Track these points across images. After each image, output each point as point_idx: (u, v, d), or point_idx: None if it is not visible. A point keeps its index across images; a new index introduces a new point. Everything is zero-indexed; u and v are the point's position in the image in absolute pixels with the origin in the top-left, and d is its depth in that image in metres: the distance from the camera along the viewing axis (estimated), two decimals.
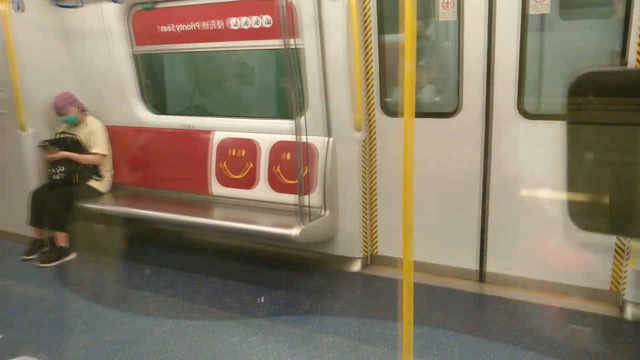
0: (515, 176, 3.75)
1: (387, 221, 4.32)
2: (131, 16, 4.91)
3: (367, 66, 4.07)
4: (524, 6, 3.48)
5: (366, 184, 4.28)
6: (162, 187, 5.07)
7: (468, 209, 3.94)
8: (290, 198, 4.20)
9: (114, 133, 5.17)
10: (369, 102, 4.16)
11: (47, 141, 4.90)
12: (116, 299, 4.04)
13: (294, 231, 3.84)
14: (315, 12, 3.91)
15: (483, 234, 3.96)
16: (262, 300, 3.90)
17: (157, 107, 5.38)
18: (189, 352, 3.26)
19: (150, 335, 3.48)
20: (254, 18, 4.34)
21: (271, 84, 6.02)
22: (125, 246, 5.25)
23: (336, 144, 4.19)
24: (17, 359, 3.03)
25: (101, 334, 3.51)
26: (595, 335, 3.31)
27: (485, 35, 3.62)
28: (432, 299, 3.81)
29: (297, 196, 3.98)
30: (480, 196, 3.89)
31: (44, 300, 4.09)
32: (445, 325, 3.45)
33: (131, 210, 4.76)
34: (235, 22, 4.44)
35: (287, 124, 4.12)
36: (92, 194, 4.95)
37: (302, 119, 3.95)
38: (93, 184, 4.99)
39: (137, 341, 3.41)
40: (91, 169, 4.99)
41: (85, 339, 3.46)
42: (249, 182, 4.55)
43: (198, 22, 4.62)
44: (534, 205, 3.72)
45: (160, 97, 5.81)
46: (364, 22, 4.00)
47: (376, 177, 4.28)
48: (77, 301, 4.04)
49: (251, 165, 4.53)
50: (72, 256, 4.86)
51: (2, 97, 4.97)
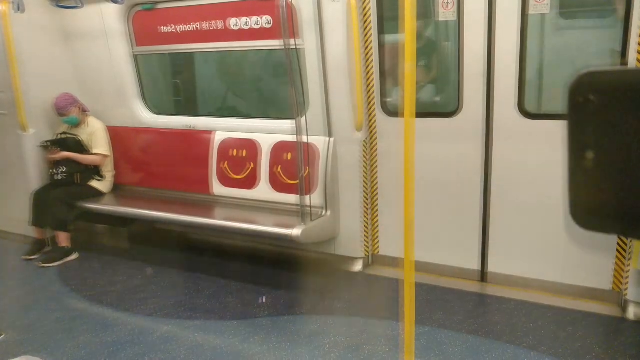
0: (516, 176, 3.75)
1: (389, 221, 4.32)
2: (131, 17, 4.92)
3: (368, 66, 4.07)
4: (524, 6, 3.47)
5: (367, 184, 4.28)
6: (163, 188, 5.08)
7: (469, 209, 3.94)
8: (292, 198, 4.21)
9: (115, 133, 5.17)
10: (370, 102, 4.16)
11: (49, 141, 4.91)
12: (118, 299, 4.05)
13: (295, 231, 3.84)
14: (315, 12, 3.92)
15: (484, 233, 3.95)
16: (264, 300, 3.91)
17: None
18: (190, 352, 3.26)
19: (151, 335, 3.48)
20: (254, 18, 4.34)
21: (273, 85, 6.03)
22: (127, 246, 5.27)
23: (337, 144, 4.19)
24: (19, 358, 3.04)
25: (103, 334, 3.51)
26: (597, 335, 3.30)
27: (485, 35, 3.62)
28: (434, 299, 3.81)
29: (298, 196, 3.98)
30: (481, 196, 3.89)
31: (45, 300, 4.09)
32: (447, 325, 3.45)
33: (132, 211, 4.77)
34: (236, 23, 4.45)
35: (287, 124, 4.13)
36: (94, 194, 4.96)
37: (303, 119, 3.96)
38: (94, 184, 5.00)
39: (138, 341, 3.41)
40: (93, 170, 5.00)
41: (87, 339, 3.47)
42: (250, 182, 4.55)
43: (198, 23, 4.63)
44: (535, 204, 3.71)
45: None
46: (364, 22, 4.00)
47: (377, 177, 4.28)
48: (79, 301, 4.04)
49: (252, 166, 4.53)
50: (74, 256, 4.87)
51: (3, 98, 4.98)
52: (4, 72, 4.77)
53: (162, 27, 4.82)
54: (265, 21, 4.31)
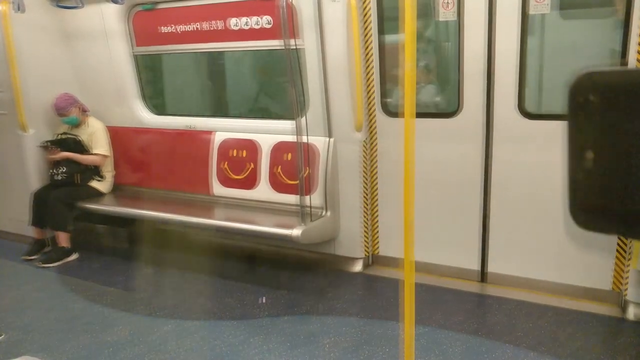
0: (516, 176, 3.75)
1: (388, 221, 4.32)
2: (131, 17, 4.92)
3: (368, 66, 4.07)
4: (524, 6, 3.47)
5: (367, 184, 4.28)
6: (163, 188, 5.08)
7: (469, 209, 3.94)
8: (292, 198, 4.20)
9: (115, 134, 5.17)
10: (370, 103, 4.16)
11: (49, 142, 4.91)
12: (118, 299, 4.05)
13: (295, 231, 3.84)
14: (315, 12, 3.91)
15: (484, 234, 3.95)
16: (264, 300, 3.91)
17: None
18: (190, 353, 3.26)
19: (151, 335, 3.48)
20: (254, 18, 4.34)
21: (274, 85, 6.03)
22: (127, 247, 5.27)
23: (337, 144, 4.19)
24: (19, 359, 3.04)
25: (102, 334, 3.51)
26: (597, 335, 3.30)
27: (485, 35, 3.62)
28: (434, 299, 3.81)
29: (298, 196, 3.98)
30: (481, 196, 3.89)
31: (45, 300, 4.09)
32: (447, 325, 3.45)
33: (132, 211, 4.77)
34: (236, 23, 4.45)
35: (287, 124, 4.13)
36: (94, 195, 4.96)
37: (303, 119, 3.95)
38: (94, 184, 5.00)
39: (138, 341, 3.41)
40: (93, 170, 4.99)
41: (87, 339, 3.47)
42: (250, 182, 4.55)
43: (198, 23, 4.63)
44: (535, 205, 3.71)
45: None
46: (364, 23, 3.99)
47: (377, 178, 4.28)
48: (79, 301, 4.04)
49: (252, 166, 4.53)
50: (74, 256, 4.87)
51: (2, 98, 4.98)
52: (4, 72, 4.77)
53: (162, 27, 4.82)
54: (265, 21, 4.31)
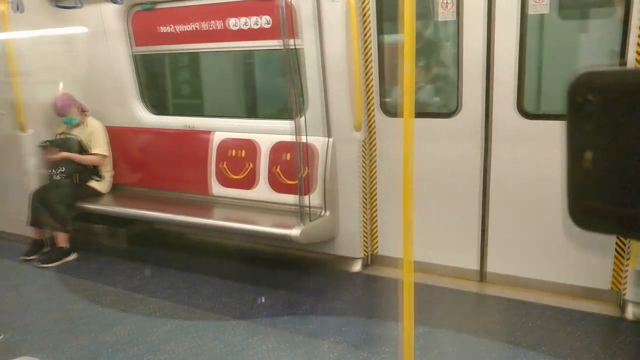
0: (515, 176, 3.75)
1: (388, 221, 4.32)
2: (130, 17, 4.91)
3: (367, 66, 4.07)
4: (523, 6, 3.47)
5: (366, 184, 4.28)
6: (162, 188, 5.07)
7: (468, 209, 3.94)
8: (291, 198, 4.20)
9: (114, 134, 5.17)
10: (369, 103, 4.16)
11: (48, 142, 4.90)
12: (117, 299, 4.04)
13: (294, 231, 3.84)
14: (314, 12, 3.91)
15: (483, 233, 3.95)
16: (263, 300, 3.90)
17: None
18: (189, 353, 3.26)
19: (150, 335, 3.48)
20: (254, 18, 4.34)
21: (272, 85, 6.04)
22: (126, 247, 5.26)
23: (336, 144, 4.19)
24: (18, 359, 3.04)
25: (101, 334, 3.51)
26: (596, 335, 3.30)
27: (484, 35, 3.62)
28: (433, 299, 3.81)
29: (297, 196, 3.98)
30: (480, 196, 3.89)
31: (44, 300, 4.09)
32: (446, 325, 3.45)
33: (131, 211, 4.76)
34: (235, 23, 4.44)
35: (286, 124, 4.12)
36: (93, 195, 4.95)
37: (302, 119, 3.95)
38: (93, 184, 4.99)
39: (137, 342, 3.40)
40: (91, 170, 4.99)
41: (86, 339, 3.46)
42: (249, 182, 4.55)
43: (198, 23, 4.63)
44: (534, 204, 3.71)
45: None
46: (364, 22, 3.99)
47: (376, 177, 4.28)
48: (78, 301, 4.04)
49: (251, 166, 4.53)
50: (73, 257, 4.86)
51: (2, 98, 4.97)
52: (3, 72, 4.76)
53: (162, 27, 4.82)
54: (264, 21, 4.31)
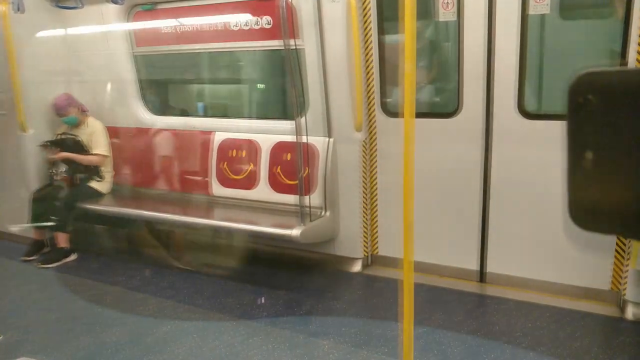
0: (516, 176, 3.75)
1: (388, 221, 4.32)
2: (131, 17, 4.92)
3: (367, 66, 4.07)
4: (524, 6, 3.48)
5: (367, 184, 4.28)
6: (162, 188, 5.07)
7: (468, 209, 3.94)
8: (291, 198, 4.20)
9: (114, 134, 5.17)
10: (369, 103, 4.16)
11: (48, 142, 4.91)
12: (117, 299, 4.04)
13: (295, 231, 3.84)
14: (315, 12, 3.91)
15: (483, 234, 3.95)
16: (263, 300, 3.90)
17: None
18: (189, 354, 3.25)
19: (150, 336, 3.48)
20: (254, 19, 4.34)
21: (272, 85, 6.03)
22: (126, 247, 5.26)
23: (337, 144, 4.19)
24: (18, 359, 3.04)
25: (101, 335, 3.51)
26: (596, 335, 3.30)
27: (485, 35, 3.62)
28: (433, 299, 3.81)
29: (297, 197, 3.98)
30: (480, 196, 3.89)
31: (44, 301, 4.09)
32: (446, 325, 3.45)
33: (132, 211, 4.76)
34: (236, 23, 4.44)
35: (287, 124, 4.12)
36: (93, 195, 4.95)
37: (303, 119, 3.95)
38: (94, 184, 4.99)
39: (137, 342, 3.40)
40: (92, 170, 4.99)
41: (86, 340, 3.46)
42: (249, 182, 4.55)
43: (198, 23, 4.62)
44: (534, 205, 3.71)
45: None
46: (364, 23, 4.00)
47: (377, 178, 4.28)
48: (78, 302, 4.04)
49: (252, 166, 4.53)
50: (73, 257, 4.86)
51: (2, 98, 4.97)
52: (4, 72, 4.76)
53: (162, 28, 4.82)
54: (265, 21, 4.31)
